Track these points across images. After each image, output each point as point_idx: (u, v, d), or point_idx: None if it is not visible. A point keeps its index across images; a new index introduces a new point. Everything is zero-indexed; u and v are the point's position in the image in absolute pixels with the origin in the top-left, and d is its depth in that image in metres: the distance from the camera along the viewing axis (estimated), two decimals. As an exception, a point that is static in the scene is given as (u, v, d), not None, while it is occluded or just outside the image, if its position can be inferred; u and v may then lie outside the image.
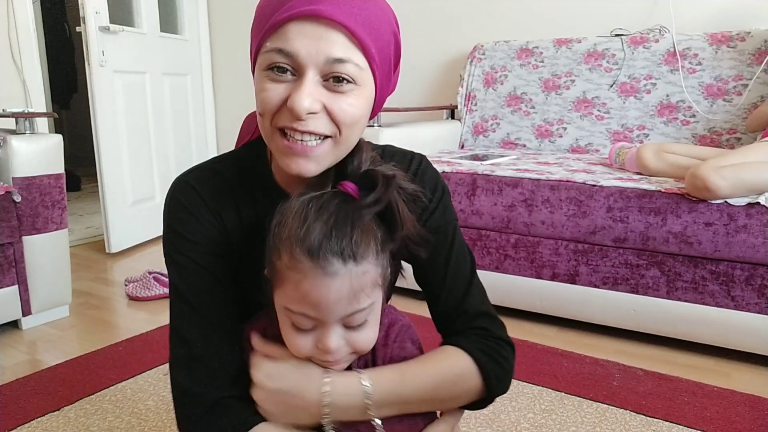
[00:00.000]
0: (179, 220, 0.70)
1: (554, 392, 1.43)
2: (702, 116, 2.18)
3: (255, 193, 0.73)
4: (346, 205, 0.60)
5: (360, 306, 0.60)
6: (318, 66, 0.58)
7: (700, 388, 1.45)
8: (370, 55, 0.60)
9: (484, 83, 2.68)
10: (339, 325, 0.60)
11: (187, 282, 0.69)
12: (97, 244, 2.89)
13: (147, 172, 2.96)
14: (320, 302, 0.58)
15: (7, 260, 1.73)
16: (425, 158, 0.80)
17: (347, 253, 0.57)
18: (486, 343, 0.72)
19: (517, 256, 1.84)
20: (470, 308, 0.75)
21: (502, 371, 0.72)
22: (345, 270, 0.57)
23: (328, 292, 0.57)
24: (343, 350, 0.62)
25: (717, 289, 1.57)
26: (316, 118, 0.60)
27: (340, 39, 0.58)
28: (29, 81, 2.56)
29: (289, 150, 0.61)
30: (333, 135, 0.62)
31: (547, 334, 1.81)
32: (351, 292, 0.58)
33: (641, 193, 1.63)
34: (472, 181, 1.88)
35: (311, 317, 0.59)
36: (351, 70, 0.59)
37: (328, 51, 0.57)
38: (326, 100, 0.60)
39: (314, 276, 0.57)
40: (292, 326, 0.62)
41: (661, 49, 2.29)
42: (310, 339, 0.62)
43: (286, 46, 0.57)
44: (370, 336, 0.64)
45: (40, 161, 1.77)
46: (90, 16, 2.51)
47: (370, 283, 0.60)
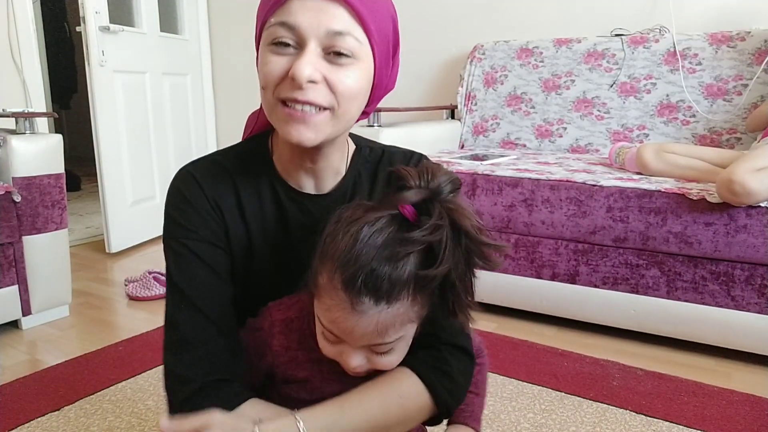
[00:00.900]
0: (178, 208, 0.72)
1: (554, 392, 1.43)
2: (702, 116, 2.18)
3: (258, 184, 0.74)
4: (397, 235, 0.57)
5: (385, 340, 0.61)
6: (319, 38, 0.60)
7: (700, 388, 1.45)
8: (369, 31, 0.62)
9: (484, 83, 2.68)
10: (365, 349, 0.63)
11: (180, 268, 0.70)
12: (97, 244, 2.89)
13: (147, 172, 2.96)
14: (345, 332, 0.61)
15: (7, 260, 1.73)
16: (426, 157, 0.81)
17: (381, 294, 0.57)
18: (435, 354, 0.71)
19: (517, 256, 1.84)
20: None
21: (452, 383, 0.70)
22: (375, 310, 0.58)
23: (355, 327, 0.59)
24: (364, 368, 0.64)
25: (717, 289, 1.57)
26: (316, 89, 0.61)
27: (340, 12, 0.60)
28: (29, 81, 2.56)
29: (290, 117, 0.63)
30: (331, 107, 0.63)
31: (547, 334, 1.81)
32: (377, 329, 0.59)
33: (641, 193, 1.63)
34: (472, 181, 1.88)
35: (340, 339, 0.62)
36: (351, 43, 0.61)
37: (329, 23, 0.60)
38: (326, 72, 0.62)
39: (344, 309, 0.58)
40: (324, 337, 0.65)
41: (661, 49, 2.29)
42: (337, 348, 0.64)
43: (289, 19, 0.60)
44: (394, 361, 0.66)
45: (40, 161, 1.77)
46: (90, 16, 2.51)
47: (401, 321, 0.61)
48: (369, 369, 0.65)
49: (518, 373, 1.53)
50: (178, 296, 0.70)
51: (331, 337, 0.63)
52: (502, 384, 1.47)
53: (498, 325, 1.88)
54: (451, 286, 0.59)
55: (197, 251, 0.70)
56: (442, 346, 0.72)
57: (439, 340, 0.72)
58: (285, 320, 0.71)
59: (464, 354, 0.74)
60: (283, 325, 0.71)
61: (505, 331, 1.82)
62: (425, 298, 0.61)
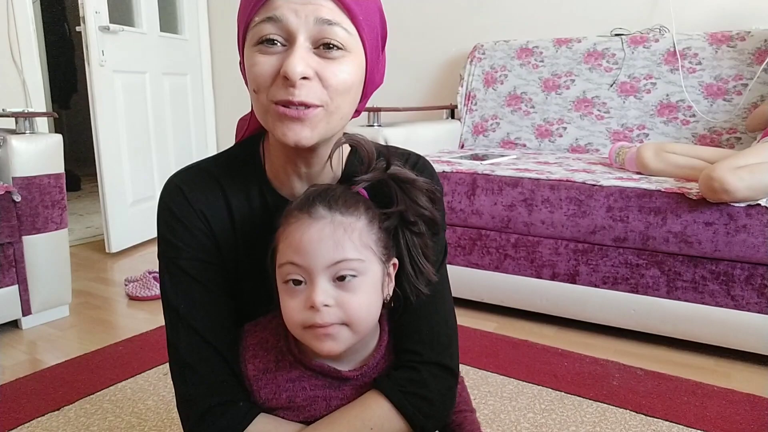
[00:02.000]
0: (168, 226, 0.71)
1: (554, 392, 1.43)
2: (702, 116, 2.18)
3: (248, 192, 0.73)
4: (339, 186, 0.66)
5: (346, 255, 0.60)
6: (308, 29, 0.59)
7: (700, 388, 1.45)
8: (357, 22, 0.61)
9: (484, 83, 2.68)
10: (326, 278, 0.60)
11: (175, 288, 0.69)
12: (97, 243, 2.89)
13: (147, 172, 2.96)
14: (302, 241, 0.60)
15: (7, 260, 1.73)
16: (423, 158, 0.81)
17: (334, 205, 0.61)
18: (410, 375, 0.68)
19: (517, 256, 1.84)
20: (408, 325, 0.71)
21: (428, 405, 0.68)
22: (330, 216, 0.60)
23: (311, 231, 0.60)
24: (332, 311, 0.60)
25: (717, 288, 1.57)
26: (310, 86, 0.60)
27: (326, 3, 0.59)
28: (29, 81, 2.56)
29: (285, 117, 0.61)
30: (324, 104, 0.62)
31: (547, 334, 1.81)
32: (335, 236, 0.60)
33: (641, 192, 1.63)
34: (472, 181, 1.88)
35: (298, 264, 0.60)
36: (340, 34, 0.60)
37: (316, 13, 0.58)
38: (318, 67, 0.60)
39: (301, 221, 0.61)
40: (285, 288, 0.62)
41: (661, 49, 2.29)
42: (301, 300, 0.61)
43: (275, 13, 0.58)
44: (362, 303, 0.62)
45: (40, 161, 1.77)
46: (90, 16, 2.51)
47: (358, 237, 0.61)
48: (339, 320, 0.61)
49: (518, 373, 1.53)
50: (174, 317, 0.69)
51: (293, 272, 0.60)
52: (502, 384, 1.47)
53: (498, 325, 1.88)
54: (409, 226, 0.66)
55: (189, 270, 0.69)
56: (423, 366, 0.69)
57: (420, 357, 0.69)
58: (258, 343, 0.69)
59: (446, 372, 0.71)
60: (256, 348, 0.69)
61: (505, 331, 1.82)
62: (384, 234, 0.65)
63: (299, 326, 0.61)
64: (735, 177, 1.46)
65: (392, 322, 0.73)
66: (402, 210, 0.65)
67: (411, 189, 0.66)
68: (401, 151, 0.80)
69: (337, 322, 0.60)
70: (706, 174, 1.50)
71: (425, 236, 0.68)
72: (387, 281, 0.66)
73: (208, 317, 0.69)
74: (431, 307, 0.73)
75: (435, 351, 0.70)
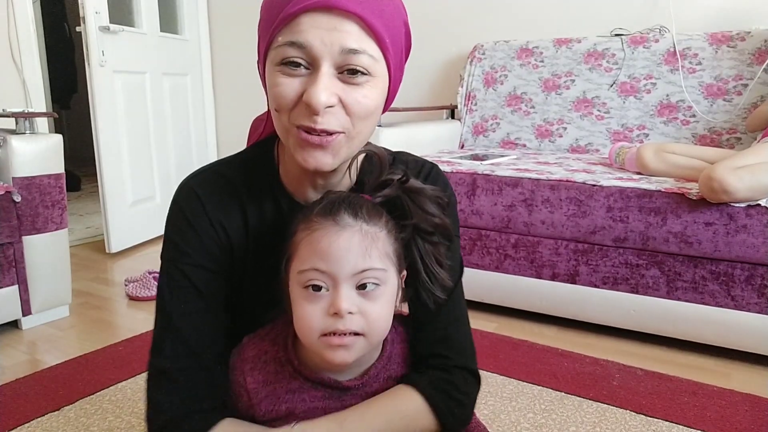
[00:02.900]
0: (178, 230, 0.69)
1: (554, 392, 1.43)
2: (702, 116, 2.18)
3: (262, 197, 0.72)
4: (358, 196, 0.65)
5: (372, 264, 0.60)
6: (333, 57, 0.57)
7: (700, 388, 1.45)
8: (384, 45, 0.59)
9: (484, 83, 2.68)
10: (351, 285, 0.60)
11: (172, 294, 0.68)
12: (97, 244, 2.89)
13: (147, 172, 2.95)
14: (330, 249, 0.59)
15: (7, 260, 1.73)
16: (437, 167, 0.80)
17: (359, 214, 0.61)
18: (442, 376, 0.70)
19: (517, 256, 1.84)
20: (435, 331, 0.73)
21: (458, 406, 0.70)
22: (356, 224, 0.60)
23: (339, 239, 0.59)
24: (355, 320, 0.60)
25: (717, 288, 1.57)
26: (332, 113, 0.59)
27: (353, 29, 0.57)
28: (29, 81, 2.56)
29: (306, 143, 0.60)
30: (346, 130, 0.61)
31: (547, 334, 1.81)
32: (362, 245, 0.60)
33: (641, 192, 1.63)
34: (472, 181, 1.88)
35: (323, 271, 0.59)
36: (365, 61, 0.58)
37: (342, 41, 0.57)
38: (341, 93, 0.59)
39: (326, 227, 0.60)
40: (304, 294, 0.61)
41: (661, 49, 2.29)
42: (322, 306, 0.60)
43: (299, 38, 0.56)
44: (382, 312, 0.62)
45: (40, 161, 1.77)
46: (90, 16, 2.51)
47: (381, 247, 0.61)
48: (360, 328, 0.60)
49: (518, 373, 1.53)
50: (165, 322, 0.68)
51: (316, 278, 0.60)
52: (502, 384, 1.47)
53: (498, 325, 1.88)
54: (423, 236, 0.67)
55: (191, 276, 0.68)
56: (454, 370, 0.71)
57: (451, 362, 0.71)
58: (257, 355, 0.69)
59: (474, 377, 0.73)
60: (255, 361, 0.69)
61: (505, 331, 1.82)
62: (399, 247, 0.65)
63: (317, 333, 0.60)
64: (735, 177, 1.46)
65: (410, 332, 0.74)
66: (416, 222, 0.66)
67: (420, 199, 0.66)
68: (414, 159, 0.79)
69: (358, 330, 0.60)
70: (706, 174, 1.50)
71: (439, 244, 0.69)
72: (400, 293, 0.67)
73: (200, 327, 0.67)
74: (457, 315, 0.75)
75: (463, 357, 0.72)
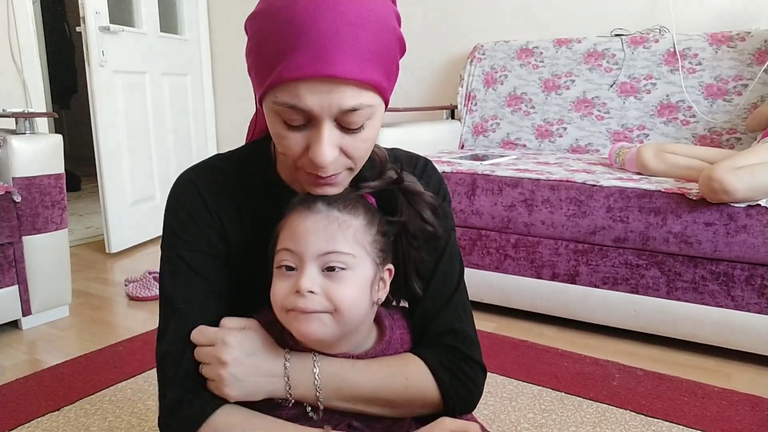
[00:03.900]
0: (177, 218, 0.71)
1: (554, 392, 1.43)
2: (702, 116, 2.18)
3: (258, 194, 0.73)
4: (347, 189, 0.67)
5: (337, 247, 0.62)
6: (331, 115, 0.58)
7: (700, 388, 1.45)
8: (381, 89, 0.60)
9: (484, 83, 2.68)
10: (315, 266, 0.62)
11: (174, 281, 0.70)
12: (97, 244, 2.89)
13: (147, 172, 2.96)
14: (298, 230, 0.63)
15: (7, 260, 1.73)
16: (431, 162, 0.81)
17: (334, 204, 0.64)
18: (452, 359, 0.72)
19: (517, 256, 1.84)
20: (444, 323, 0.74)
21: (465, 390, 0.71)
22: (327, 211, 0.64)
23: (308, 222, 0.63)
24: (317, 299, 0.61)
25: (717, 289, 1.57)
26: (336, 161, 0.61)
27: (350, 89, 0.57)
28: (29, 81, 2.56)
29: (314, 183, 0.63)
30: (350, 169, 0.64)
31: (547, 334, 1.81)
32: (328, 228, 0.63)
33: (641, 193, 1.63)
34: (472, 181, 1.88)
35: (292, 251, 0.63)
36: (364, 113, 0.59)
37: (340, 103, 0.57)
38: (342, 142, 0.60)
39: (300, 213, 0.64)
40: (278, 272, 0.65)
41: (661, 49, 2.29)
42: (289, 284, 0.63)
43: (299, 103, 0.56)
44: (348, 294, 0.63)
45: (40, 161, 1.77)
46: (90, 16, 2.51)
47: (352, 233, 0.64)
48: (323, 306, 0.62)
49: (518, 373, 1.53)
50: (168, 307, 0.70)
51: (286, 258, 0.63)
52: (502, 384, 1.47)
53: (498, 325, 1.88)
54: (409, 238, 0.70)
55: (193, 264, 0.70)
56: (464, 360, 0.73)
57: (461, 353, 0.73)
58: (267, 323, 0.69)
59: (481, 369, 0.75)
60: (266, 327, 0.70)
61: (505, 331, 1.82)
62: (382, 240, 0.67)
63: (282, 309, 0.63)
64: (735, 177, 1.46)
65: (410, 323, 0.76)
66: (405, 221, 0.69)
67: (418, 201, 0.69)
68: (408, 155, 0.80)
69: (321, 309, 0.62)
70: (706, 174, 1.50)
71: (422, 251, 0.71)
72: (380, 285, 0.68)
73: (202, 311, 0.69)
74: (463, 309, 0.76)
75: (470, 349, 0.74)
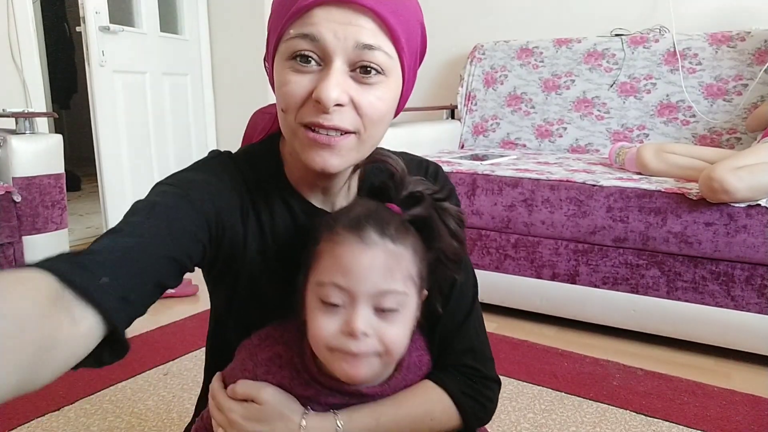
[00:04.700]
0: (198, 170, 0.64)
1: (554, 392, 1.43)
2: (702, 116, 2.18)
3: (271, 195, 0.68)
4: (387, 209, 0.61)
5: (394, 286, 0.57)
6: (346, 53, 0.55)
7: (700, 388, 1.45)
8: (399, 45, 0.57)
9: (484, 83, 2.68)
10: (369, 306, 0.57)
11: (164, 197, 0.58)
12: (97, 244, 2.89)
13: (147, 172, 2.96)
14: (353, 267, 0.56)
15: (6, 260, 1.73)
16: (441, 168, 0.78)
17: (386, 232, 0.57)
18: (471, 384, 0.72)
19: (517, 256, 1.84)
20: (462, 342, 0.73)
21: (483, 411, 0.73)
22: (381, 242, 0.57)
23: (362, 258, 0.56)
24: (370, 342, 0.57)
25: (717, 289, 1.57)
26: (343, 112, 0.57)
27: (368, 24, 0.55)
28: (29, 81, 2.56)
29: (314, 143, 0.58)
30: (357, 131, 0.59)
31: (547, 334, 1.81)
32: (386, 265, 0.56)
33: (641, 192, 1.63)
34: (472, 181, 1.88)
35: (342, 287, 0.56)
36: (380, 58, 0.56)
37: (357, 36, 0.54)
38: (354, 93, 0.56)
39: (350, 242, 0.57)
40: (320, 306, 0.58)
41: (661, 49, 2.29)
42: (337, 321, 0.57)
43: (313, 30, 0.54)
44: (400, 335, 0.59)
45: (40, 161, 1.77)
46: (90, 16, 2.51)
47: (405, 270, 0.58)
48: (375, 351, 0.57)
49: (518, 373, 1.53)
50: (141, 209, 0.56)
51: (334, 294, 0.57)
52: (502, 384, 1.47)
53: (498, 325, 1.88)
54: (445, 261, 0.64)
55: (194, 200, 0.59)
56: (481, 379, 0.73)
57: (479, 372, 0.73)
58: (272, 357, 0.65)
59: (497, 385, 0.76)
60: (269, 364, 0.65)
61: (505, 331, 1.82)
62: (424, 268, 0.61)
63: (328, 347, 0.58)
64: (735, 177, 1.46)
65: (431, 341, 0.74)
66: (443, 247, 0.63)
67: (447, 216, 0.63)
68: (418, 160, 0.77)
69: (372, 352, 0.58)
70: (706, 174, 1.50)
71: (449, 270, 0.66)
72: (417, 313, 0.64)
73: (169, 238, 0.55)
74: (478, 326, 0.77)
75: (486, 367, 0.75)
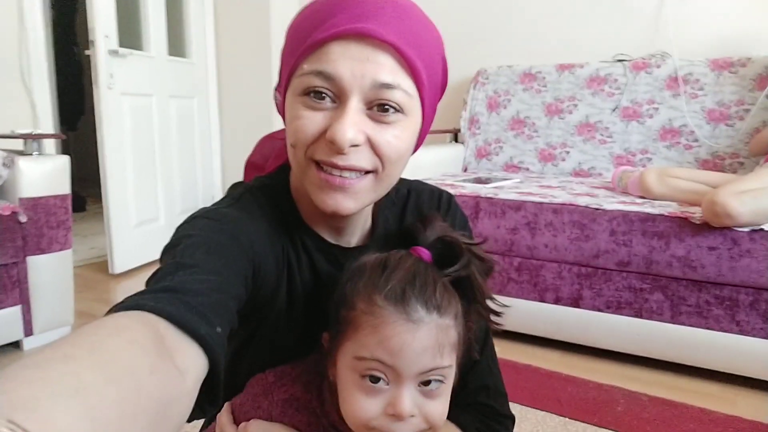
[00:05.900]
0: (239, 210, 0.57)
1: (558, 417, 1.42)
2: (704, 141, 2.19)
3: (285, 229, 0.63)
4: (424, 264, 0.55)
5: (443, 363, 0.53)
6: (363, 91, 0.51)
7: (705, 415, 1.43)
8: (420, 81, 0.53)
9: (487, 107, 2.70)
10: (414, 385, 0.53)
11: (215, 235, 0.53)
12: (101, 264, 2.89)
13: (151, 194, 2.97)
14: (402, 350, 0.51)
15: (10, 280, 1.74)
16: (454, 198, 0.76)
17: (431, 304, 0.52)
18: (485, 421, 0.71)
19: (520, 280, 1.84)
20: (477, 379, 0.71)
21: None
22: (429, 318, 0.51)
23: (413, 340, 0.51)
24: (415, 421, 0.53)
25: (721, 313, 1.56)
26: (359, 152, 0.53)
27: (387, 61, 0.51)
28: (38, 103, 2.59)
29: (326, 184, 0.54)
30: (375, 170, 0.55)
31: (551, 359, 1.79)
32: (436, 344, 0.52)
33: (644, 216, 1.63)
34: (475, 204, 1.88)
35: (387, 365, 0.51)
36: (399, 97, 0.52)
37: (375, 74, 0.51)
38: (370, 132, 0.53)
39: (397, 321, 0.51)
40: (359, 382, 0.53)
41: (662, 74, 2.31)
42: (380, 402, 0.53)
43: (328, 68, 0.51)
44: (444, 410, 0.55)
45: (46, 182, 1.78)
46: (99, 40, 2.55)
47: (452, 340, 0.54)
48: (421, 428, 0.54)
49: (521, 398, 1.51)
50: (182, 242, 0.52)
51: (377, 371, 0.52)
52: (505, 409, 1.46)
53: (501, 349, 1.85)
54: (480, 313, 0.60)
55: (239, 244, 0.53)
56: (496, 417, 0.72)
57: (494, 411, 0.72)
58: (288, 399, 0.60)
59: (511, 422, 0.74)
60: (286, 406, 0.60)
61: (508, 355, 1.80)
62: (463, 327, 0.57)
63: (365, 426, 0.53)
64: (738, 201, 1.46)
65: None
66: (480, 300, 0.60)
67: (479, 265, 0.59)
68: (430, 189, 0.75)
69: (416, 431, 0.54)
70: (709, 198, 1.50)
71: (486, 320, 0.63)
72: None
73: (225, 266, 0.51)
74: (494, 363, 0.76)
75: (502, 405, 0.73)
